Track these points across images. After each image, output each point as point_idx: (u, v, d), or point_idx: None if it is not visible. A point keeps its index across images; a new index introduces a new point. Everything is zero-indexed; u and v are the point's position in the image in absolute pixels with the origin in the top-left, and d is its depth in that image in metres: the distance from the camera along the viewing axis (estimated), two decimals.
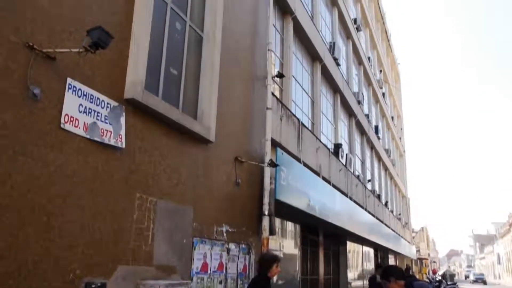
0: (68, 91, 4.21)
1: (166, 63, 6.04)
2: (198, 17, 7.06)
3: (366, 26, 25.21)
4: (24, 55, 3.81)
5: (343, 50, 19.09)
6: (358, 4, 23.22)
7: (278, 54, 11.33)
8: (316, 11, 15.01)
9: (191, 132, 6.10)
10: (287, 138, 10.32)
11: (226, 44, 7.45)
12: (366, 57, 23.58)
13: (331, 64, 15.73)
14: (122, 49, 5.00)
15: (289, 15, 12.01)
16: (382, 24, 31.60)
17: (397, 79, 39.52)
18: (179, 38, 6.47)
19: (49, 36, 4.08)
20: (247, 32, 8.55)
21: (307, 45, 13.70)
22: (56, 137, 4.05)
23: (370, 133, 22.99)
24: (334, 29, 17.60)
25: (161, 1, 6.01)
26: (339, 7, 18.00)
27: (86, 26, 4.37)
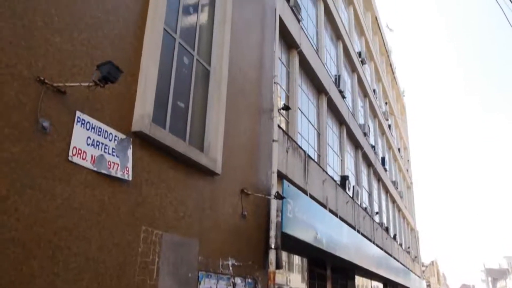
0: (76, 124, 4.27)
1: (174, 96, 6.13)
2: (205, 51, 7.20)
3: (371, 59, 25.55)
4: (35, 89, 3.89)
5: (348, 82, 19.29)
6: (363, 38, 23.61)
7: (284, 87, 11.46)
8: (321, 45, 15.27)
9: (197, 165, 6.12)
10: (293, 170, 10.30)
11: (233, 77, 7.57)
12: (372, 90, 23.78)
13: (336, 96, 15.87)
14: (131, 83, 5.10)
15: (295, 49, 12.22)
16: (387, 57, 32.00)
17: (402, 111, 39.66)
18: (186, 72, 6.58)
19: (60, 71, 4.18)
20: (253, 65, 8.69)
21: (312, 78, 13.87)
22: (64, 170, 4.08)
23: (377, 165, 22.90)
24: (339, 62, 17.84)
25: (169, 37, 6.16)
26: (343, 41, 18.30)
27: (96, 61, 4.49)
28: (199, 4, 7.13)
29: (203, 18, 7.30)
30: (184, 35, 6.57)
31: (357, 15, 22.13)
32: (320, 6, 15.78)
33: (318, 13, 15.65)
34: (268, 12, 9.78)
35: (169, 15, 6.15)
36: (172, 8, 6.30)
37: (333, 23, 17.18)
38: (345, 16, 20.29)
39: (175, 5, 6.42)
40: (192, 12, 6.96)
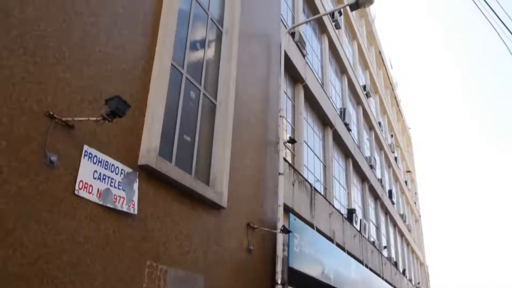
0: (84, 158, 4.30)
1: (180, 130, 6.18)
2: (212, 85, 7.31)
3: (375, 92, 25.76)
4: (44, 124, 3.95)
5: (353, 115, 19.39)
6: (367, 72, 23.89)
7: (289, 120, 11.54)
8: (326, 79, 15.45)
9: (203, 198, 6.09)
10: (299, 203, 10.22)
11: (239, 111, 7.64)
12: (377, 122, 23.85)
13: (342, 129, 15.92)
14: (138, 117, 5.15)
15: (300, 83, 12.37)
16: (391, 90, 32.25)
17: (408, 143, 39.60)
18: (193, 106, 6.66)
19: (69, 105, 4.24)
20: (259, 99, 8.78)
21: (318, 111, 13.97)
22: (70, 204, 4.08)
23: (384, 198, 22.67)
24: (344, 95, 18.00)
25: (177, 71, 6.27)
26: (348, 75, 18.52)
27: (104, 95, 4.56)
28: (206, 40, 7.29)
29: (210, 53, 7.45)
30: (191, 70, 6.69)
31: (361, 50, 22.47)
32: (325, 41, 16.07)
33: (322, 48, 15.92)
34: (273, 47, 9.97)
35: (177, 51, 6.29)
36: (180, 43, 6.45)
37: (337, 58, 17.44)
38: (349, 50, 20.61)
39: (183, 41, 6.56)
40: (199, 48, 7.11)
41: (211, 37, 7.54)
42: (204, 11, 7.35)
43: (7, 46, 3.72)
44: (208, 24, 7.41)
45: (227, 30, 7.91)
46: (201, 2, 7.26)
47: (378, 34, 27.70)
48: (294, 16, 13.23)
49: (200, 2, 7.23)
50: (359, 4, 10.18)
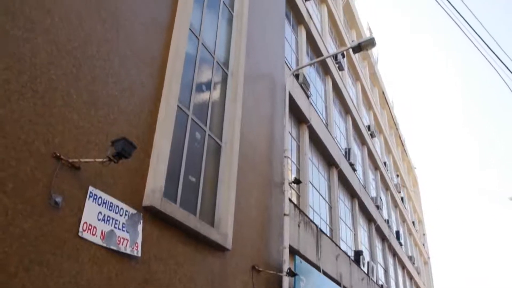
0: (89, 199, 4.29)
1: (185, 170, 6.19)
2: (217, 126, 7.38)
3: (380, 132, 25.85)
4: (51, 165, 3.97)
5: (358, 155, 19.39)
6: (371, 112, 24.08)
7: (294, 160, 11.54)
8: (330, 119, 15.57)
9: (208, 240, 6.02)
10: (305, 245, 10.05)
11: (244, 151, 7.67)
12: (382, 162, 23.79)
13: (347, 169, 15.88)
14: (144, 158, 5.18)
15: (305, 123, 12.47)
16: (396, 130, 32.37)
17: (415, 183, 39.30)
18: (198, 147, 6.70)
19: (76, 147, 4.28)
20: (264, 140, 8.83)
21: (323, 151, 13.99)
22: (73, 246, 4.03)
23: (391, 239, 22.26)
24: (348, 135, 18.07)
25: (182, 113, 6.35)
26: (352, 115, 18.67)
27: (111, 137, 4.61)
28: (211, 81, 7.43)
29: (216, 95, 7.57)
30: (197, 111, 6.78)
31: (364, 91, 22.76)
32: (328, 82, 16.32)
33: (326, 89, 16.15)
34: (278, 89, 10.12)
35: (183, 92, 6.40)
36: (186, 85, 6.57)
37: (341, 98, 17.65)
38: (353, 91, 20.89)
39: (189, 83, 6.69)
40: (205, 90, 7.23)
41: (216, 79, 7.68)
42: (210, 54, 7.53)
43: (18, 90, 3.81)
44: (214, 67, 7.58)
45: (233, 72, 8.07)
46: (207, 46, 7.45)
47: (381, 75, 28.12)
48: (298, 58, 13.52)
49: (206, 46, 7.42)
50: (362, 47, 10.40)
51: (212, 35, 7.77)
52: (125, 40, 5.25)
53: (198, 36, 7.18)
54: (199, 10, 7.41)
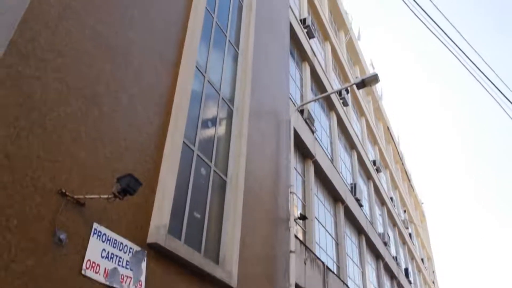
0: (93, 236, 4.26)
1: (190, 207, 6.16)
2: (222, 162, 7.39)
3: (385, 167, 25.75)
4: (56, 201, 3.98)
5: (364, 191, 19.25)
6: (376, 147, 24.08)
7: (300, 196, 11.47)
8: (335, 154, 15.58)
9: (212, 278, 5.91)
10: (312, 283, 9.83)
11: (249, 187, 7.65)
12: (389, 197, 23.57)
13: (353, 205, 15.73)
14: (149, 194, 5.18)
15: (310, 159, 12.47)
16: (401, 165, 32.23)
17: (422, 219, 38.73)
18: (203, 183, 6.70)
19: (81, 183, 4.30)
20: (269, 175, 8.82)
21: (328, 186, 13.91)
22: (75, 284, 3.98)
23: (400, 277, 21.73)
24: (354, 170, 18.01)
25: (188, 149, 6.39)
26: (357, 150, 18.67)
27: (117, 173, 4.63)
28: (217, 118, 7.51)
29: (221, 131, 7.63)
30: (202, 147, 6.82)
31: (369, 126, 22.85)
32: (333, 118, 16.43)
33: (331, 125, 16.24)
34: (283, 124, 10.20)
35: (189, 128, 6.46)
36: (192, 121, 6.64)
37: (346, 134, 17.71)
38: (357, 126, 20.98)
39: (195, 119, 6.77)
40: (211, 126, 7.30)
41: (222, 115, 7.77)
42: (216, 91, 7.65)
43: (28, 127, 3.87)
44: (219, 103, 7.68)
45: (238, 108, 8.17)
46: (213, 82, 7.58)
47: (385, 110, 28.30)
48: (302, 94, 13.67)
49: (212, 82, 7.55)
50: (365, 82, 10.53)
51: (218, 72, 7.92)
52: (133, 78, 5.36)
53: (204, 73, 7.32)
54: (205, 48, 7.58)
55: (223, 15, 8.62)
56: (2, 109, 3.69)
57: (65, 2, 4.57)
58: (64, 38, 4.47)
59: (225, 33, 8.53)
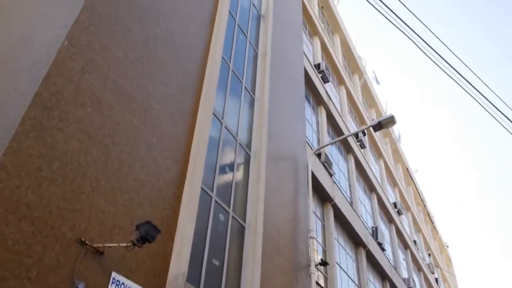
0: (111, 285, 4.23)
1: (209, 254, 6.09)
2: (240, 207, 7.36)
3: (407, 209, 25.20)
4: (75, 250, 3.99)
5: (386, 234, 18.76)
6: (396, 189, 23.69)
7: (320, 240, 11.24)
8: (355, 197, 15.36)
9: None
10: None
11: (268, 233, 7.55)
12: (412, 241, 22.89)
13: (375, 249, 15.30)
14: (167, 242, 5.15)
15: (329, 202, 12.31)
16: (423, 207, 31.49)
17: (449, 263, 37.30)
18: (222, 229, 6.65)
19: (101, 232, 4.32)
20: (288, 220, 8.71)
21: (349, 230, 13.63)
22: None
23: None
24: (375, 213, 17.66)
25: (206, 195, 6.40)
26: (377, 193, 18.39)
27: (136, 220, 4.65)
28: (234, 163, 7.55)
29: (239, 176, 7.65)
30: (220, 193, 6.82)
31: (388, 168, 22.61)
32: (351, 161, 16.34)
33: (349, 167, 16.12)
34: (300, 168, 10.17)
35: (207, 174, 6.50)
36: (210, 168, 6.69)
37: (365, 176, 17.53)
38: (376, 168, 20.77)
39: (212, 165, 6.82)
40: (228, 171, 7.34)
41: (239, 160, 7.81)
42: (233, 137, 7.74)
43: (49, 177, 3.95)
44: (236, 149, 7.75)
45: (255, 153, 8.22)
46: (230, 128, 7.69)
47: (403, 151, 28.04)
48: (319, 138, 13.71)
49: (229, 129, 7.65)
50: (382, 125, 10.54)
51: (234, 118, 8.05)
52: (152, 127, 5.48)
53: (221, 119, 7.44)
54: (222, 95, 7.75)
55: (239, 63, 8.87)
56: (25, 160, 3.80)
57: (88, 56, 4.78)
58: (87, 91, 4.64)
59: (241, 80, 8.73)
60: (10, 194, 3.61)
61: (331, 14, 19.91)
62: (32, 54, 4.73)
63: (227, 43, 8.51)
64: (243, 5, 10.09)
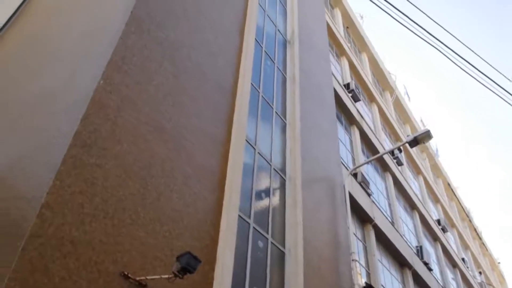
0: None
1: (250, 281, 6.02)
2: (279, 233, 7.29)
3: (452, 226, 24.24)
4: (119, 284, 4.04)
5: (432, 253, 18.06)
6: (438, 205, 22.90)
7: (363, 263, 10.94)
8: (395, 216, 14.93)
9: None
10: None
11: (309, 257, 7.42)
12: (460, 259, 21.91)
13: (422, 269, 14.73)
14: (208, 271, 5.14)
15: (369, 223, 12.02)
16: (469, 222, 30.22)
17: (502, 280, 35.36)
18: (261, 256, 6.58)
19: (143, 264, 4.36)
20: (328, 243, 8.54)
21: (392, 251, 13.20)
22: None
23: None
24: (418, 232, 17.08)
25: (244, 222, 6.39)
26: (419, 210, 17.83)
27: (176, 251, 4.68)
28: (270, 188, 7.53)
29: (275, 201, 7.61)
30: (257, 219, 6.79)
31: (428, 183, 21.95)
32: (388, 179, 15.97)
33: (387, 185, 15.76)
34: (337, 190, 10.03)
35: (243, 202, 6.50)
36: (246, 194, 6.70)
37: (404, 194, 17.07)
38: (415, 185, 20.21)
39: (248, 192, 6.82)
40: (264, 197, 7.32)
41: (275, 185, 7.79)
42: (267, 162, 7.75)
43: (91, 213, 4.06)
44: (271, 174, 7.74)
45: (290, 177, 8.17)
46: (264, 154, 7.71)
47: (443, 166, 27.20)
48: (354, 158, 13.52)
49: (263, 154, 7.68)
50: (418, 140, 10.30)
51: (267, 143, 8.07)
52: (186, 158, 5.57)
53: (254, 145, 7.48)
54: (253, 121, 7.82)
55: (268, 89, 8.95)
56: (68, 197, 3.93)
57: (122, 94, 4.96)
58: (123, 127, 4.79)
59: (272, 105, 8.80)
60: (55, 231, 3.73)
61: (356, 33, 19.92)
62: (72, 95, 4.96)
63: (256, 70, 8.63)
64: (269, 32, 10.26)
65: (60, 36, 6.81)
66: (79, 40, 6.12)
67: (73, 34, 6.49)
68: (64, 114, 4.71)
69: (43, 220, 3.67)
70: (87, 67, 5.28)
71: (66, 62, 5.90)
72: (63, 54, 6.17)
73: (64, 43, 6.45)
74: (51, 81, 5.70)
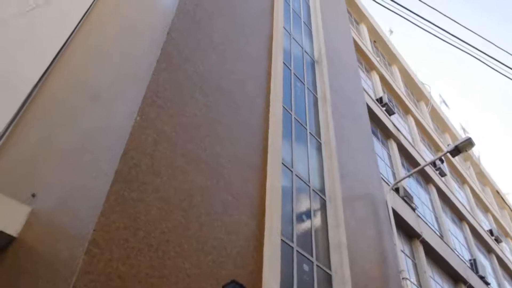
0: None
1: None
2: (323, 255, 7.15)
3: (506, 235, 23.05)
4: None
5: (487, 266, 17.18)
6: (489, 215, 21.90)
7: (414, 280, 10.53)
8: (444, 229, 14.37)
9: None
10: None
11: (356, 277, 7.21)
12: None
13: (478, 284, 14.01)
14: None
15: (417, 238, 11.63)
16: None
17: None
18: (308, 280, 6.46)
19: None
20: (375, 262, 8.29)
21: (444, 266, 12.66)
22: None
23: None
24: (470, 244, 16.34)
25: (287, 246, 6.31)
26: (468, 221, 17.11)
27: (221, 280, 4.67)
28: (311, 210, 7.44)
29: (317, 222, 7.50)
30: (300, 242, 6.70)
31: (475, 193, 21.09)
32: (432, 191, 15.47)
33: (432, 198, 15.25)
34: (380, 206, 9.78)
35: (285, 225, 6.44)
36: (286, 218, 6.64)
37: (451, 205, 16.45)
38: (461, 195, 19.46)
39: (289, 215, 6.76)
40: (306, 219, 7.23)
41: (315, 206, 7.69)
42: (305, 184, 7.68)
43: (136, 246, 4.14)
44: (311, 195, 7.66)
45: (330, 197, 8.06)
46: (301, 176, 7.66)
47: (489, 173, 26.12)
48: (394, 172, 13.21)
49: (300, 176, 7.63)
50: (460, 148, 9.99)
51: (304, 164, 8.02)
52: (225, 186, 5.61)
53: (291, 168, 7.46)
54: (288, 144, 7.81)
55: (300, 110, 8.96)
56: (113, 233, 4.02)
57: (158, 128, 5.09)
58: (161, 160, 4.90)
59: (305, 126, 8.78)
60: (104, 267, 3.81)
61: (384, 46, 19.77)
62: (111, 133, 5.14)
63: (286, 93, 8.68)
64: (296, 54, 10.33)
65: (97, 78, 7.13)
66: (115, 80, 6.38)
67: (109, 74, 6.78)
68: (106, 154, 4.88)
69: (91, 256, 3.77)
70: (123, 105, 5.48)
71: (105, 101, 6.14)
72: (101, 94, 6.44)
73: (102, 84, 6.74)
74: (91, 122, 5.94)
